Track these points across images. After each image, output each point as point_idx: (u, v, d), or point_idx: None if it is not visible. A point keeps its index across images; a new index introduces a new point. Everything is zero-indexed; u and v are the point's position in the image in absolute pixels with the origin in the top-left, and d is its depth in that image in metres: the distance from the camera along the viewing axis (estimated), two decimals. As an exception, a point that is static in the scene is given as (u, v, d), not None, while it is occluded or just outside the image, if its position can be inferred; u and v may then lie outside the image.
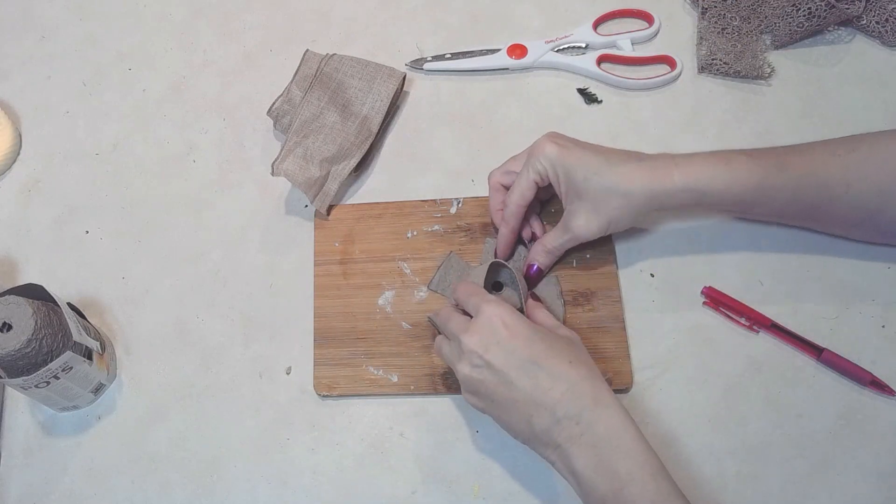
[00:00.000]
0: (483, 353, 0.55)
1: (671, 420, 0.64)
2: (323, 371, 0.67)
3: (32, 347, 0.61)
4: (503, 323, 0.56)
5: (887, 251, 0.67)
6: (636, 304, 0.68)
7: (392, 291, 0.70)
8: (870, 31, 0.76)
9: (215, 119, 0.81)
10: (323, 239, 0.72)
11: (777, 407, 0.64)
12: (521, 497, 0.63)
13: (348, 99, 0.75)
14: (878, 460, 0.61)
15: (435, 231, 0.72)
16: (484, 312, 0.56)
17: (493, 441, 0.65)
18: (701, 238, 0.70)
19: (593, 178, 0.61)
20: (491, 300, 0.57)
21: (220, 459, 0.67)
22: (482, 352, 0.55)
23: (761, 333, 0.66)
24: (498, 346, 0.55)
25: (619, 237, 0.70)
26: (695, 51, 0.78)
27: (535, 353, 0.55)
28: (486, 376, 0.56)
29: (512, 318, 0.56)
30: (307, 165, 0.72)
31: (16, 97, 0.84)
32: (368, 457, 0.65)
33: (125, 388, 0.70)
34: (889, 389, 0.63)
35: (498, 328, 0.56)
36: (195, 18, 0.86)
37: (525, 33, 0.81)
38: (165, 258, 0.74)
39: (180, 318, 0.72)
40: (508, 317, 0.56)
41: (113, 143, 0.81)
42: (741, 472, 0.62)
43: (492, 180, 0.68)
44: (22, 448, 0.68)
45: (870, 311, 0.66)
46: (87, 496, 0.66)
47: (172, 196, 0.77)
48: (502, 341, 0.55)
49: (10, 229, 0.77)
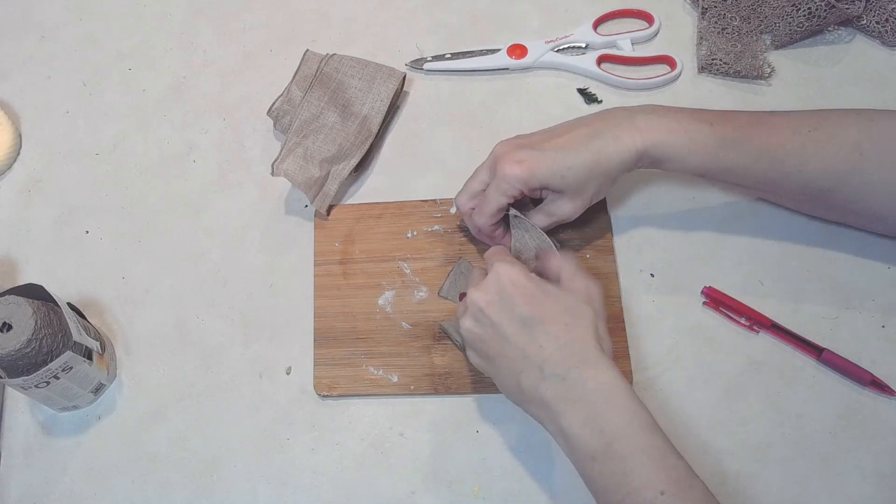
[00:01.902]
0: (485, 307, 0.56)
1: (671, 420, 0.64)
2: (323, 371, 0.67)
3: (32, 347, 0.61)
4: (510, 281, 0.56)
5: (887, 251, 0.68)
6: (636, 304, 0.68)
7: (392, 291, 0.70)
8: (870, 31, 0.76)
9: (215, 119, 0.81)
10: (323, 239, 0.73)
11: (777, 407, 0.64)
12: (521, 497, 0.63)
13: (348, 99, 0.75)
14: (878, 460, 0.61)
15: (435, 231, 0.72)
16: (494, 269, 0.57)
17: (493, 441, 0.65)
18: (701, 238, 0.70)
19: (568, 174, 0.61)
20: (504, 260, 0.58)
21: (220, 459, 0.67)
22: (484, 306, 0.56)
23: (761, 333, 0.66)
24: (500, 302, 0.56)
25: (619, 237, 0.70)
26: (695, 51, 0.78)
27: (536, 311, 0.55)
28: (485, 331, 0.57)
29: (520, 276, 0.57)
30: (307, 165, 0.72)
31: (16, 97, 0.84)
32: (368, 457, 0.65)
33: (125, 388, 0.70)
34: (889, 389, 0.63)
35: (505, 285, 0.56)
36: (195, 18, 0.86)
37: (525, 33, 0.81)
38: (165, 258, 0.74)
39: (180, 318, 0.72)
40: (517, 275, 0.57)
41: (113, 143, 0.81)
42: (741, 472, 0.62)
43: (462, 208, 0.67)
44: (22, 448, 0.68)
45: (870, 311, 0.66)
46: (87, 496, 0.66)
47: (172, 196, 0.77)
48: (505, 298, 0.56)
49: (10, 229, 0.77)
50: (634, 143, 0.60)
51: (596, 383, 0.53)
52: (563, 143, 0.61)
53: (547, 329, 0.55)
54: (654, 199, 0.72)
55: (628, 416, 0.52)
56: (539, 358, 0.54)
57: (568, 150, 0.61)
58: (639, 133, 0.60)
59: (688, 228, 0.70)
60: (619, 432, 0.51)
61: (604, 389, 0.52)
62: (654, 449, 0.51)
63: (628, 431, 0.51)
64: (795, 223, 0.70)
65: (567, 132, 0.62)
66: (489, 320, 0.56)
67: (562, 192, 0.62)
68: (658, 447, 0.51)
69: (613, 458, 0.51)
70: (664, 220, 0.71)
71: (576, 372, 0.53)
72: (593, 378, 0.53)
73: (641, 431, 0.51)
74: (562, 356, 0.54)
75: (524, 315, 0.55)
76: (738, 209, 0.71)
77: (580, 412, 0.52)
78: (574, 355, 0.54)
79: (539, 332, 0.55)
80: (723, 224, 0.70)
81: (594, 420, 0.52)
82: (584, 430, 0.52)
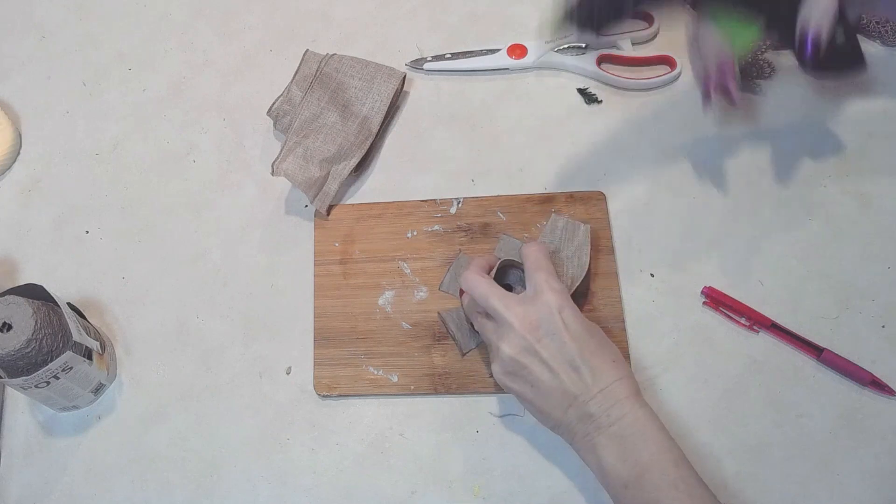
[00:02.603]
0: (535, 341, 0.57)
1: (671, 420, 0.64)
2: (323, 371, 0.67)
3: (32, 347, 0.61)
4: (561, 317, 0.57)
5: (887, 251, 0.68)
6: (636, 304, 0.68)
7: (392, 291, 0.70)
8: (870, 32, 0.76)
9: (215, 119, 0.81)
10: (323, 239, 0.73)
11: (777, 407, 0.64)
12: (521, 497, 0.63)
13: (348, 99, 0.75)
14: (878, 460, 0.61)
15: (435, 231, 0.72)
16: (543, 299, 0.57)
17: (493, 441, 0.65)
18: (701, 238, 0.70)
19: None
20: (555, 289, 0.58)
21: (220, 459, 0.67)
22: (534, 340, 0.57)
23: (761, 333, 0.66)
24: (552, 337, 0.56)
25: (619, 237, 0.70)
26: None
27: (584, 350, 0.56)
28: (532, 363, 0.57)
29: (570, 312, 0.57)
30: (307, 165, 0.72)
31: (16, 97, 0.84)
32: (368, 457, 0.65)
33: (125, 388, 0.70)
34: (889, 389, 0.63)
35: (555, 320, 0.57)
36: (195, 18, 0.86)
37: (525, 33, 0.81)
38: (165, 258, 0.74)
39: (180, 318, 0.72)
40: (567, 311, 0.57)
41: (113, 143, 0.81)
42: (741, 472, 0.62)
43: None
44: (22, 448, 0.68)
45: (870, 311, 0.66)
46: (87, 496, 0.66)
47: (172, 196, 0.77)
48: (557, 333, 0.56)
49: (10, 229, 0.77)
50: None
51: (633, 419, 0.55)
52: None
53: (594, 368, 0.56)
54: (654, 199, 0.72)
55: (661, 451, 0.54)
56: (586, 396, 0.56)
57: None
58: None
59: (688, 228, 0.70)
60: (651, 465, 0.53)
61: (639, 425, 0.55)
62: (682, 481, 0.53)
63: (659, 465, 0.53)
64: (795, 223, 0.70)
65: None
66: (536, 354, 0.57)
67: None
68: (685, 479, 0.53)
69: (645, 488, 0.53)
70: (664, 220, 0.71)
71: (617, 409, 0.55)
72: (631, 414, 0.55)
73: (672, 465, 0.53)
74: (607, 395, 0.55)
75: (574, 353, 0.56)
76: (739, 209, 0.71)
77: (617, 445, 0.54)
78: (619, 393, 0.56)
79: (586, 371, 0.56)
80: (723, 224, 0.70)
81: (629, 452, 0.54)
82: (618, 460, 0.54)
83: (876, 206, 0.69)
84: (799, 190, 0.71)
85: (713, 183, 0.72)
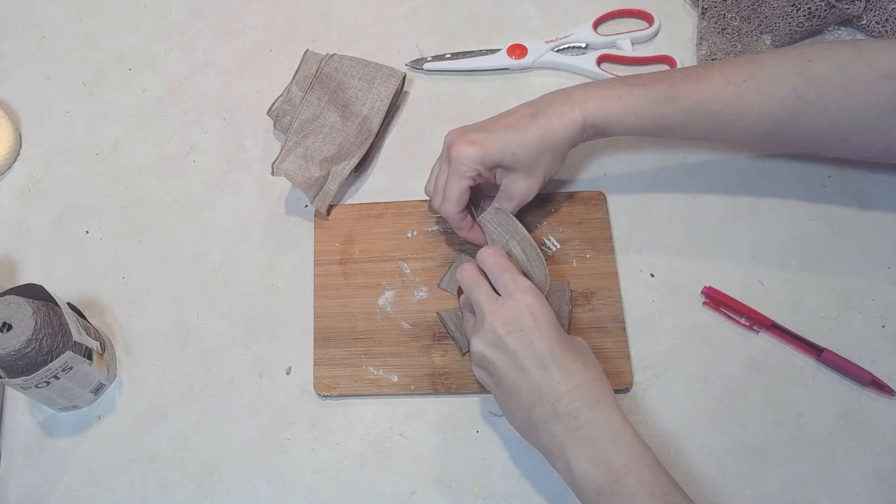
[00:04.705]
0: (504, 335, 0.56)
1: (671, 420, 0.64)
2: (323, 371, 0.67)
3: (32, 347, 0.61)
4: (531, 314, 0.56)
5: (887, 251, 0.68)
6: (636, 304, 0.68)
7: (392, 291, 0.70)
8: (870, 31, 0.76)
9: (215, 119, 0.81)
10: (323, 239, 0.73)
11: (777, 407, 0.64)
12: (521, 497, 0.63)
13: (348, 99, 0.75)
14: (878, 460, 0.61)
15: (435, 231, 0.72)
16: (514, 298, 0.57)
17: (493, 441, 0.65)
18: (701, 238, 0.70)
19: (519, 151, 0.63)
20: (524, 288, 0.58)
21: (220, 459, 0.67)
22: (503, 334, 0.56)
23: (761, 333, 0.66)
24: (520, 333, 0.56)
25: (619, 237, 0.70)
26: (695, 51, 0.78)
27: (554, 349, 0.56)
28: (500, 358, 0.57)
29: (540, 310, 0.57)
30: (307, 165, 0.72)
31: (16, 97, 0.84)
32: (368, 457, 0.65)
33: (125, 388, 0.70)
34: (889, 389, 0.63)
35: (525, 318, 0.56)
36: (195, 18, 0.86)
37: (525, 33, 0.81)
38: (165, 258, 0.74)
39: (180, 318, 0.72)
40: (538, 309, 0.57)
41: (113, 143, 0.81)
42: (741, 472, 0.62)
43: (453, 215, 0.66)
44: (22, 448, 0.68)
45: (870, 311, 0.66)
46: (87, 496, 0.66)
47: (172, 196, 0.77)
48: (525, 330, 0.56)
49: (10, 229, 0.77)
50: (575, 115, 0.62)
51: (605, 422, 0.54)
52: (510, 122, 0.64)
53: (563, 367, 0.55)
54: (654, 199, 0.72)
55: (634, 456, 0.53)
56: (554, 395, 0.55)
57: (516, 128, 0.63)
58: (577, 105, 0.62)
59: (688, 228, 0.70)
60: (626, 471, 0.52)
61: (612, 428, 0.54)
62: (658, 487, 0.52)
63: (634, 470, 0.52)
64: (796, 223, 0.70)
65: (511, 115, 0.65)
66: (505, 349, 0.56)
67: (515, 171, 0.64)
68: (662, 485, 0.52)
69: (620, 496, 0.52)
70: (664, 220, 0.71)
71: (587, 411, 0.54)
72: (603, 417, 0.54)
73: (648, 471, 0.52)
74: (577, 395, 0.55)
75: (542, 351, 0.56)
76: (739, 209, 0.71)
77: (587, 449, 0.53)
78: (589, 395, 0.55)
79: (555, 370, 0.55)
80: (723, 224, 0.70)
81: (602, 457, 0.53)
82: (590, 466, 0.53)
83: (876, 206, 0.70)
84: (799, 190, 0.71)
85: (713, 183, 0.72)
